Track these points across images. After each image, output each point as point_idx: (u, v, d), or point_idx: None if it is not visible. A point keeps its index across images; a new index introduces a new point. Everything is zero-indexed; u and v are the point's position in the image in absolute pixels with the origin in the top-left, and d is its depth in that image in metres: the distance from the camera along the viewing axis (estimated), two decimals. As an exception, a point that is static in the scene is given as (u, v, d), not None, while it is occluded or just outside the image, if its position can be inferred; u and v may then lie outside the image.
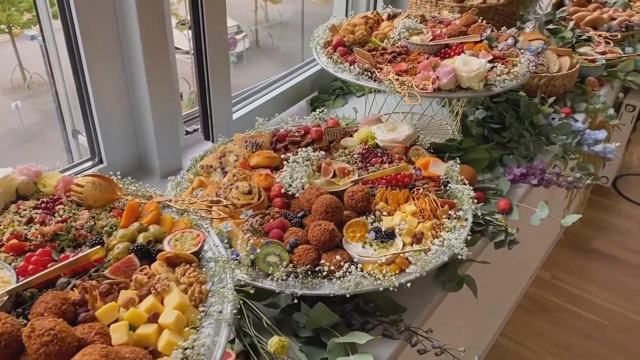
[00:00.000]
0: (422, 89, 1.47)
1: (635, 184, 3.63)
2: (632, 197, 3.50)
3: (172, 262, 0.82)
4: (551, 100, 1.97)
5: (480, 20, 1.82)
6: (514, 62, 1.60)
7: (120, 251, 0.83)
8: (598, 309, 2.69)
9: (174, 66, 1.57)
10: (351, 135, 1.55)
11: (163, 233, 0.87)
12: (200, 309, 0.75)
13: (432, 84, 1.48)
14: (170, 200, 0.96)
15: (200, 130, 1.76)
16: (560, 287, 2.81)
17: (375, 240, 1.16)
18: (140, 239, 0.85)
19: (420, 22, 1.83)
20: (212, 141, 1.72)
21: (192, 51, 1.61)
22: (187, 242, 0.85)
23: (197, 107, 1.72)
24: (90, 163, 1.56)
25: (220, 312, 0.75)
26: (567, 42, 2.39)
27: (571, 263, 2.97)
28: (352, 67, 1.57)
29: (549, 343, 2.53)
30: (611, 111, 2.09)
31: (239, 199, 1.23)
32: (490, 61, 1.57)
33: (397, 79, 1.50)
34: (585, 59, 2.27)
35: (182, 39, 2.55)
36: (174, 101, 1.57)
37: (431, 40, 1.69)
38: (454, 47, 1.65)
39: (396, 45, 1.70)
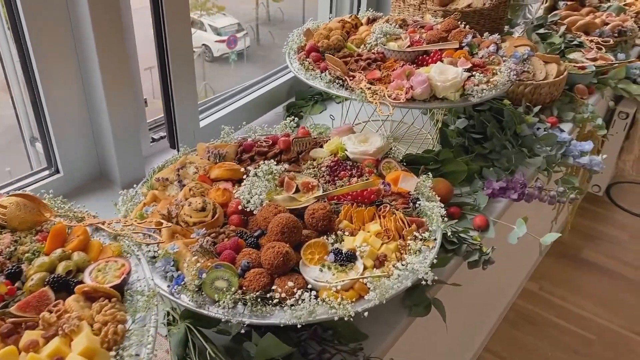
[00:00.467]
0: (394, 99, 1.39)
1: (628, 192, 3.55)
2: (625, 206, 3.41)
3: (92, 297, 0.74)
4: (537, 109, 1.88)
5: (463, 26, 1.73)
6: (494, 71, 1.52)
7: (35, 283, 0.75)
8: (587, 323, 2.61)
9: (136, 70, 1.49)
10: (321, 146, 1.47)
11: (87, 262, 0.79)
12: (114, 352, 0.67)
13: (406, 93, 1.40)
14: (103, 223, 0.88)
15: (166, 138, 1.68)
16: (548, 299, 2.73)
17: (335, 263, 1.08)
18: (60, 268, 0.77)
19: (401, 27, 1.74)
20: (178, 150, 1.64)
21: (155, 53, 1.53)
22: (110, 273, 0.77)
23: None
24: (46, 172, 1.48)
25: (137, 355, 0.67)
26: (556, 47, 2.30)
27: (560, 274, 2.89)
28: (323, 74, 1.49)
29: (535, 358, 2.45)
30: (599, 121, 2.01)
31: (191, 217, 1.15)
32: (468, 69, 1.49)
33: (369, 88, 1.42)
34: (575, 66, 2.19)
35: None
36: (135, 106, 1.49)
37: (409, 46, 1.61)
38: (432, 54, 1.57)
39: (372, 51, 1.62)
